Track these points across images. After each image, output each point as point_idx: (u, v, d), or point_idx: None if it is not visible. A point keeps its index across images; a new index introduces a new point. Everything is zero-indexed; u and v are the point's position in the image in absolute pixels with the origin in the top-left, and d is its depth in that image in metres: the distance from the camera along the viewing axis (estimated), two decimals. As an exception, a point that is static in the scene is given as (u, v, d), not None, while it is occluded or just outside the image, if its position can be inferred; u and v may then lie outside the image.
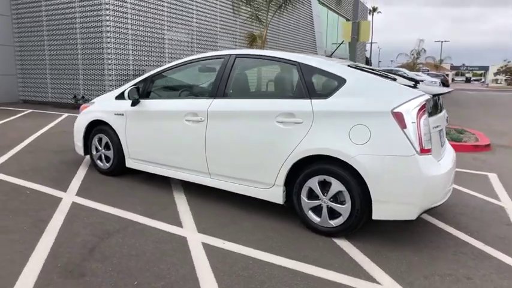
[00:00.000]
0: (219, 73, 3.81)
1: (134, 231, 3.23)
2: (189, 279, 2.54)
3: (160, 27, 12.45)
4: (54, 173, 4.83)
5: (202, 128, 3.77)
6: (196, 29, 14.12)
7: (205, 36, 14.65)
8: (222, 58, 3.86)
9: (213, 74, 3.92)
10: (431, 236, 3.37)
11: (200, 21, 14.26)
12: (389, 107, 2.95)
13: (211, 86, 3.85)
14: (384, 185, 2.94)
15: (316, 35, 26.77)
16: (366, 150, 2.97)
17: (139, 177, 4.69)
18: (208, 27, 14.74)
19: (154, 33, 12.26)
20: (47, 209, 3.65)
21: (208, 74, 4.04)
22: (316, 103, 3.21)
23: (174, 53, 13.16)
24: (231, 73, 3.74)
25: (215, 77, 3.83)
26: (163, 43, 12.68)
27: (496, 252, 3.10)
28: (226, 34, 15.94)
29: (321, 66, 3.33)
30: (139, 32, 11.74)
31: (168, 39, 12.81)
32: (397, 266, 2.82)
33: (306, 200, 3.30)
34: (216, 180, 3.82)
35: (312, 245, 3.10)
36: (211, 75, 3.92)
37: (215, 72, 3.90)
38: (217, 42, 15.40)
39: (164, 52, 12.76)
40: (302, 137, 3.22)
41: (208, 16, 14.64)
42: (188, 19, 13.65)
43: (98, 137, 4.73)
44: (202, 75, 4.25)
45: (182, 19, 13.34)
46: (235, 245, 3.06)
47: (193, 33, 13.96)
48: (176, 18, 13.07)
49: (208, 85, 4.01)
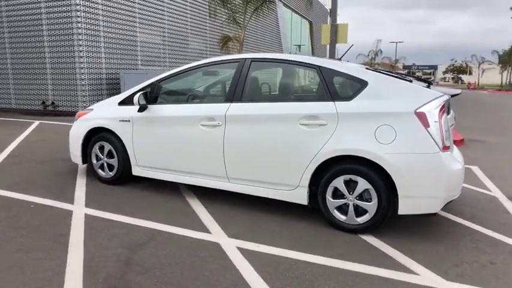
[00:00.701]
0: (234, 77, 3.81)
1: (164, 241, 3.16)
2: (240, 285, 2.54)
3: (132, 29, 12.10)
4: (51, 184, 4.58)
5: (219, 133, 3.75)
6: (168, 31, 13.86)
7: (177, 39, 14.43)
8: (237, 62, 3.86)
9: (217, 77, 3.92)
10: (446, 227, 3.58)
11: (171, 23, 14.02)
12: (413, 108, 3.12)
13: (227, 90, 3.84)
14: (410, 181, 3.09)
15: (281, 36, 27.17)
16: (392, 149, 3.11)
17: (143, 185, 4.57)
18: (179, 29, 14.52)
19: (126, 35, 11.89)
20: (60, 223, 3.47)
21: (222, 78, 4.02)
22: (340, 105, 3.31)
23: (147, 56, 12.85)
24: (247, 77, 3.76)
25: (231, 81, 3.82)
26: (136, 45, 12.33)
27: (505, 238, 3.37)
28: (197, 36, 15.78)
29: (342, 69, 3.44)
30: (112, 34, 11.34)
31: (140, 42, 12.47)
32: (427, 257, 2.99)
33: (331, 200, 3.39)
34: (235, 184, 3.82)
35: (341, 242, 3.19)
36: (225, 79, 3.91)
37: (218, 76, 3.90)
38: (188, 44, 15.21)
39: (137, 55, 12.41)
40: (327, 139, 3.31)
41: (179, 18, 14.42)
42: (159, 21, 13.37)
43: (99, 145, 4.55)
44: (215, 79, 4.22)
45: (153, 21, 13.05)
46: (270, 248, 3.08)
47: (164, 35, 13.69)
48: (148, 20, 12.76)
49: (223, 89, 4.00)
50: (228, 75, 3.98)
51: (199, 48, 16.06)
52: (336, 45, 9.69)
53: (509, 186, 4.96)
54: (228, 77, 3.92)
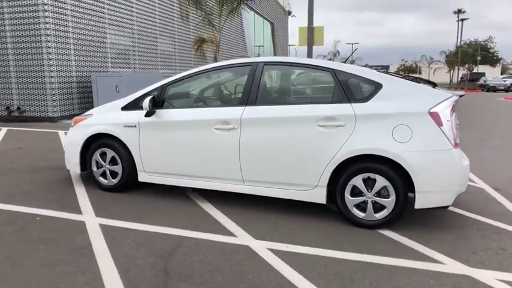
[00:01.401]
0: (248, 80, 3.83)
1: (193, 246, 3.12)
2: (286, 285, 2.58)
3: (101, 30, 11.65)
4: (49, 194, 4.34)
5: (235, 136, 3.76)
6: (137, 32, 13.49)
7: (146, 40, 14.07)
8: (250, 65, 3.89)
9: (227, 81, 3.92)
10: (448, 218, 3.83)
11: (141, 24, 13.66)
12: (427, 108, 3.32)
13: (241, 93, 3.86)
14: (427, 177, 3.29)
15: (246, 37, 27.29)
16: (409, 148, 3.29)
17: (146, 191, 4.46)
18: (148, 30, 14.17)
19: (96, 36, 11.43)
20: (76, 234, 3.31)
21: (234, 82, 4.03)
22: (357, 107, 3.45)
23: (117, 58, 12.42)
24: (261, 80, 3.80)
25: (244, 85, 3.84)
26: (106, 47, 11.88)
27: (506, 226, 3.66)
28: (166, 37, 15.49)
29: (356, 72, 3.58)
30: (81, 35, 10.85)
31: (110, 43, 12.04)
32: (444, 247, 3.19)
33: (350, 198, 3.52)
34: (251, 186, 3.85)
35: (363, 238, 3.32)
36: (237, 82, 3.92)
37: (228, 80, 3.91)
38: (157, 46, 14.89)
39: (107, 57, 11.97)
40: (346, 139, 3.44)
41: (148, 19, 14.08)
42: (129, 22, 12.98)
43: (101, 152, 4.38)
44: (226, 83, 4.21)
45: (123, 21, 12.64)
46: (299, 247, 3.15)
47: (134, 36, 13.30)
48: (117, 21, 12.35)
49: (235, 93, 4.00)
50: (238, 79, 4.00)
51: (168, 49, 15.78)
52: (312, 47, 9.95)
53: (490, 177, 5.38)
54: (239, 81, 3.94)
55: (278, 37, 38.82)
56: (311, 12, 9.56)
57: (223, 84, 4.44)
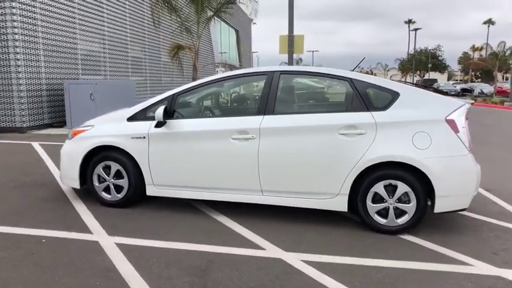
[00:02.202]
0: (264, 90, 3.79)
1: (225, 262, 3.01)
2: (335, 297, 2.55)
3: (72, 35, 11.08)
4: (46, 213, 4.02)
5: (253, 146, 3.69)
6: (108, 38, 12.98)
7: (117, 46, 13.58)
8: (265, 75, 3.85)
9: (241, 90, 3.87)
10: (457, 220, 3.98)
11: (111, 30, 13.16)
12: (443, 115, 3.44)
13: (258, 102, 3.80)
14: (446, 182, 3.40)
15: (213, 44, 27.13)
16: (429, 154, 3.39)
17: (151, 206, 4.25)
18: (119, 37, 13.69)
19: (66, 42, 10.85)
20: (94, 256, 3.08)
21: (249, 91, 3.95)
22: (377, 115, 3.51)
23: (88, 65, 11.87)
24: (278, 89, 3.77)
25: (261, 94, 3.79)
26: (76, 53, 11.31)
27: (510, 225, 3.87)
28: (136, 44, 15.03)
29: (373, 81, 3.65)
30: (51, 41, 10.24)
31: (80, 49, 11.48)
32: (467, 248, 3.30)
33: (371, 205, 3.56)
34: (269, 196, 3.78)
35: (389, 244, 3.37)
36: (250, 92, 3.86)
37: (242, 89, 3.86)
38: (128, 52, 14.41)
39: (77, 64, 11.39)
40: (368, 147, 3.48)
41: (118, 25, 13.60)
42: (99, 27, 12.46)
43: (104, 165, 4.13)
44: (240, 92, 4.13)
45: (94, 27, 12.11)
46: (331, 257, 3.13)
47: (105, 42, 12.79)
48: (88, 27, 11.81)
49: (251, 102, 3.93)
50: (252, 88, 3.94)
51: (138, 56, 15.33)
52: (293, 55, 10.08)
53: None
54: (254, 90, 3.88)
55: (243, 44, 39.03)
56: (291, 22, 9.68)
57: (237, 94, 4.35)
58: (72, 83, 10.07)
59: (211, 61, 26.05)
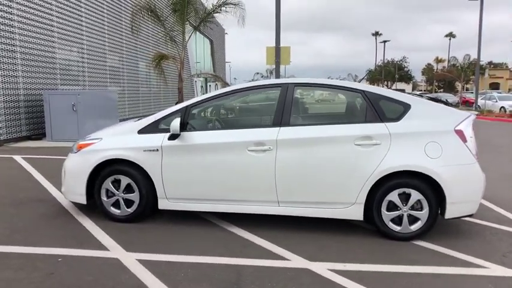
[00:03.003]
0: (280, 101, 3.85)
1: (254, 274, 3.00)
2: (372, 305, 2.61)
3: (51, 44, 10.72)
4: (53, 230, 3.85)
5: (270, 157, 3.73)
6: (87, 48, 12.65)
7: (96, 56, 13.25)
8: (280, 87, 3.91)
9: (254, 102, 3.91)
10: (461, 224, 4.17)
11: (90, 40, 12.84)
12: (452, 126, 3.64)
13: (274, 114, 3.85)
14: (457, 189, 3.58)
15: (188, 53, 27.01)
16: (440, 163, 3.56)
17: (162, 219, 4.18)
18: (97, 46, 13.37)
19: (44, 51, 10.47)
20: (119, 274, 2.98)
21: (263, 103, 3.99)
22: (391, 126, 3.66)
23: (66, 75, 11.49)
24: (293, 101, 3.84)
25: (276, 106, 3.85)
26: (55, 63, 10.94)
27: (510, 228, 4.10)
28: (115, 53, 14.74)
29: (385, 93, 3.80)
30: (29, 50, 9.86)
31: (59, 59, 11.11)
32: (477, 251, 3.47)
33: (386, 213, 3.68)
34: (286, 207, 3.82)
35: (407, 250, 3.48)
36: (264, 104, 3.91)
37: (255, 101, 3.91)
38: (106, 62, 14.09)
39: (56, 73, 11.00)
40: (383, 157, 3.61)
41: (97, 34, 13.30)
42: (78, 36, 12.13)
43: (113, 179, 4.02)
44: (255, 104, 4.16)
45: (72, 36, 11.78)
46: (356, 265, 3.20)
47: (83, 52, 12.45)
48: (66, 36, 11.47)
49: (266, 113, 3.97)
50: (266, 99, 3.99)
51: (117, 65, 15.02)
52: (280, 66, 10.23)
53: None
54: (268, 101, 3.93)
55: (217, 54, 39.13)
56: (278, 33, 9.86)
57: (251, 106, 4.38)
58: (52, 94, 9.71)
59: (186, 69, 25.90)
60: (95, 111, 10.10)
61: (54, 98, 9.58)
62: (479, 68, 24.77)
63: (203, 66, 34.20)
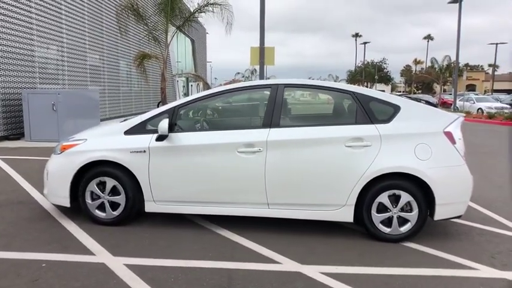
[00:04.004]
0: (269, 102, 3.81)
1: (246, 278, 2.95)
2: (366, 308, 2.60)
3: (29, 42, 10.36)
4: (36, 234, 3.69)
5: (260, 159, 3.68)
6: (67, 46, 12.30)
7: (76, 54, 12.90)
8: (269, 87, 3.87)
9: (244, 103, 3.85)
10: (447, 226, 4.22)
11: (70, 37, 12.49)
12: (441, 128, 3.67)
13: (263, 115, 3.80)
14: (446, 191, 3.61)
15: (169, 53, 26.66)
16: (430, 164, 3.59)
17: (148, 222, 4.07)
18: (78, 44, 13.03)
19: (23, 49, 10.11)
20: (107, 280, 2.87)
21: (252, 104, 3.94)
22: (381, 127, 3.67)
23: (45, 73, 11.14)
24: (282, 102, 3.80)
25: (266, 107, 3.80)
26: (34, 61, 10.58)
27: (496, 229, 4.15)
28: (95, 52, 14.39)
29: (375, 95, 3.81)
30: (7, 47, 9.49)
31: (38, 57, 10.75)
32: (466, 253, 3.51)
33: (376, 215, 3.68)
34: (275, 210, 3.78)
35: (396, 252, 3.50)
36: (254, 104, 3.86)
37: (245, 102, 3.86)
38: (86, 61, 13.74)
39: (35, 72, 10.65)
40: (373, 158, 3.61)
41: (77, 32, 12.96)
42: (58, 34, 11.78)
43: (98, 181, 3.89)
44: (243, 105, 4.09)
45: (52, 33, 11.43)
46: (348, 268, 3.19)
47: (63, 50, 12.10)
48: (46, 33, 11.11)
49: (255, 114, 3.92)
50: (256, 100, 3.94)
51: (97, 64, 14.67)
52: (264, 66, 10.20)
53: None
54: (257, 102, 3.88)
55: (198, 54, 38.84)
56: (262, 34, 9.83)
57: (241, 106, 4.31)
58: (31, 93, 9.39)
59: (168, 69, 25.57)
60: (75, 111, 9.82)
61: (34, 97, 9.27)
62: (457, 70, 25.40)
63: (184, 66, 33.88)
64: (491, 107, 22.91)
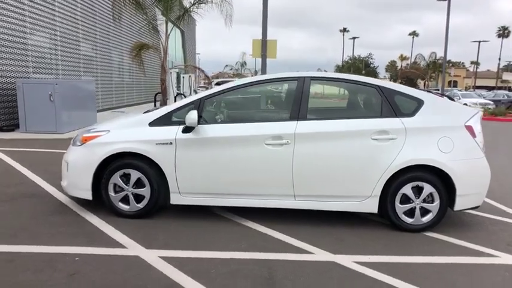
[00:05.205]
0: (296, 95, 3.83)
1: (285, 268, 2.99)
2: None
3: (22, 29, 10.02)
4: (58, 227, 3.63)
5: (288, 151, 3.71)
6: (60, 34, 11.95)
7: (69, 43, 12.56)
8: (296, 80, 3.89)
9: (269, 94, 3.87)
10: (461, 216, 4.36)
11: (63, 25, 12.13)
12: (463, 122, 3.78)
13: (291, 107, 3.82)
14: (466, 182, 3.73)
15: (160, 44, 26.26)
16: (452, 157, 3.70)
17: (170, 214, 4.05)
18: (71, 33, 12.68)
19: (15, 36, 9.77)
20: (148, 273, 2.87)
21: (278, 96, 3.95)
22: (406, 121, 3.74)
23: (39, 62, 10.81)
24: (309, 95, 3.83)
25: (294, 99, 3.82)
26: (27, 50, 10.25)
27: (505, 219, 4.32)
28: (88, 41, 14.04)
29: (400, 89, 3.88)
30: None
31: (31, 45, 10.42)
32: (484, 241, 3.65)
33: (400, 206, 3.78)
34: (301, 201, 3.83)
35: (421, 242, 3.60)
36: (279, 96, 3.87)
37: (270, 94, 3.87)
38: (80, 50, 13.40)
39: (28, 61, 10.32)
40: (398, 151, 3.69)
41: (70, 20, 12.60)
42: (51, 22, 11.42)
43: (122, 173, 3.84)
44: (270, 96, 4.09)
45: (45, 21, 11.07)
46: (380, 257, 3.27)
47: (56, 38, 11.76)
48: (39, 21, 10.76)
49: (282, 106, 3.92)
50: (281, 92, 3.95)
51: (90, 54, 14.32)
52: (266, 59, 10.17)
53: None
54: (283, 94, 3.89)
55: (188, 45, 38.36)
56: (265, 27, 9.78)
57: (267, 98, 4.31)
58: (27, 83, 9.10)
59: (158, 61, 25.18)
60: (73, 102, 9.60)
61: (29, 87, 8.98)
62: (445, 66, 25.93)
63: (174, 57, 33.43)
64: (476, 102, 23.51)
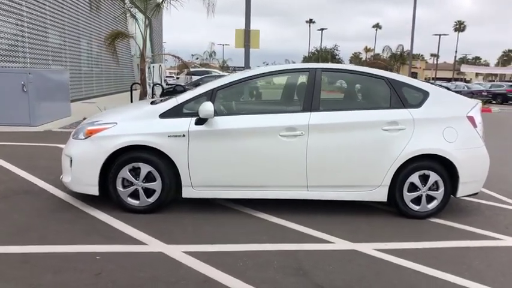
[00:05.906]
0: (308, 86, 3.84)
1: (312, 258, 3.03)
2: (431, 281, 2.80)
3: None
4: (66, 225, 3.45)
5: (302, 142, 3.73)
6: (27, 20, 11.20)
7: (37, 30, 11.81)
8: (307, 71, 3.89)
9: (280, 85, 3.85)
10: (458, 202, 4.60)
11: (30, 11, 11.38)
12: (465, 112, 3.96)
13: (302, 99, 3.82)
14: (469, 170, 3.92)
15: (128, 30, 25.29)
16: (456, 146, 3.87)
17: (181, 209, 3.97)
18: (38, 20, 11.92)
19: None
20: (177, 269, 2.80)
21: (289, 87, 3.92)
22: (414, 112, 3.86)
23: (4, 49, 10.10)
24: (321, 86, 3.86)
25: (306, 91, 3.83)
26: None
27: (498, 204, 4.59)
28: (56, 29, 13.27)
29: (407, 81, 3.99)
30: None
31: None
32: (485, 225, 3.87)
33: (407, 194, 3.91)
34: (314, 191, 3.87)
35: (428, 228, 3.77)
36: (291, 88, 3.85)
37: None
38: (48, 38, 12.65)
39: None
40: (407, 141, 3.81)
41: (37, 6, 11.83)
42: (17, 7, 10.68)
43: (131, 167, 3.70)
44: (281, 88, 4.06)
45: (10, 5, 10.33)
46: (395, 244, 3.38)
47: (23, 25, 11.02)
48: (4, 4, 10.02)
49: (295, 98, 3.92)
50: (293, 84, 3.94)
51: (58, 42, 13.57)
52: (249, 49, 10.07)
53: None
54: (294, 86, 3.89)
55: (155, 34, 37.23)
56: (248, 16, 9.66)
57: (278, 90, 4.27)
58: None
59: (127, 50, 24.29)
60: (47, 93, 9.07)
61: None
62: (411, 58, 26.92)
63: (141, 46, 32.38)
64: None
